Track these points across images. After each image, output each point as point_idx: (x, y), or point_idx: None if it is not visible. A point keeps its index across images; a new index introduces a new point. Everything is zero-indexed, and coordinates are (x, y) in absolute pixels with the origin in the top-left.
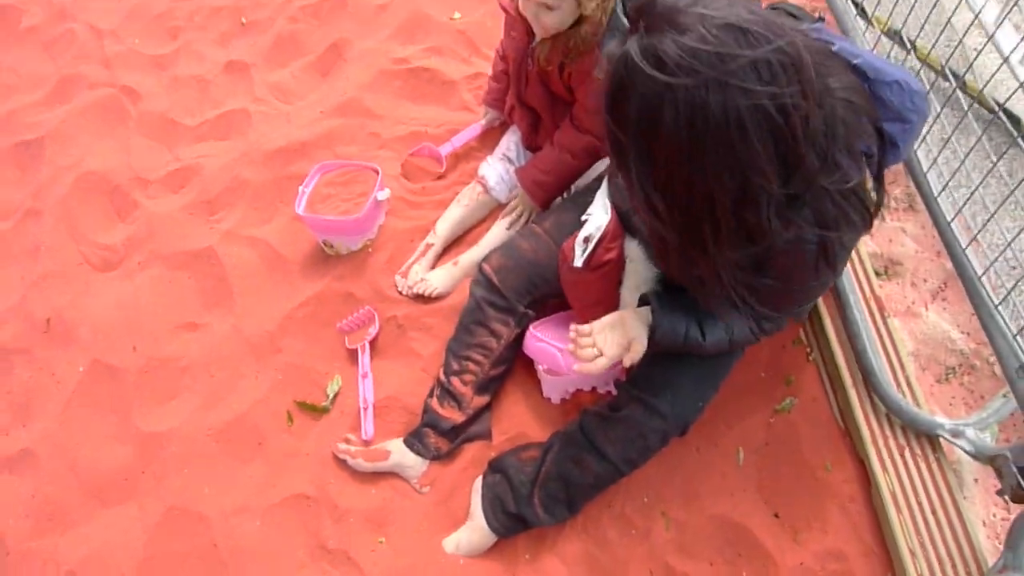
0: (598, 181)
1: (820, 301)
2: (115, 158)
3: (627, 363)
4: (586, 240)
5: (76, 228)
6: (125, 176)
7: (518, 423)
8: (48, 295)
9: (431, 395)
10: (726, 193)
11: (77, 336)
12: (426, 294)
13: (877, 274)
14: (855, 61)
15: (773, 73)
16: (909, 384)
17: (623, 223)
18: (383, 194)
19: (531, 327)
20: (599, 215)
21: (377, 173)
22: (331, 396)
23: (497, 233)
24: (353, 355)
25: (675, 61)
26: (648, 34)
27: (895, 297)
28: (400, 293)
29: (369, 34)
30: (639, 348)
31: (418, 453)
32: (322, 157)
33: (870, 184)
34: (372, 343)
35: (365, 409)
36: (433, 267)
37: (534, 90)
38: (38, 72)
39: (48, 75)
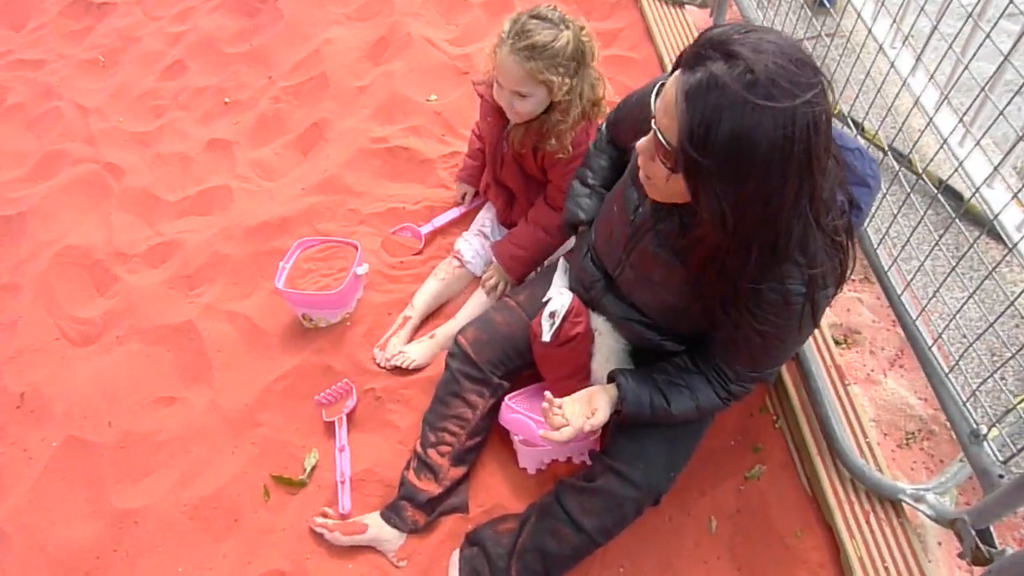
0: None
1: (784, 370)
2: (96, 233)
3: (587, 428)
4: (552, 316)
5: (54, 302)
6: (105, 251)
7: (495, 495)
8: (23, 370)
9: (408, 467)
10: (795, 201)
11: (51, 411)
12: (404, 366)
13: (837, 343)
14: None
15: (824, 96)
16: (871, 450)
17: (586, 299)
18: (362, 269)
19: (506, 398)
20: (562, 292)
21: (356, 249)
22: (308, 470)
23: (473, 306)
24: (331, 428)
25: (764, 85)
26: (730, 63)
27: (855, 365)
28: (378, 365)
29: (349, 114)
30: (601, 416)
31: (395, 527)
32: (302, 233)
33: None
34: (349, 416)
35: (342, 483)
36: (411, 340)
37: (509, 170)
38: (21, 149)
39: (31, 152)
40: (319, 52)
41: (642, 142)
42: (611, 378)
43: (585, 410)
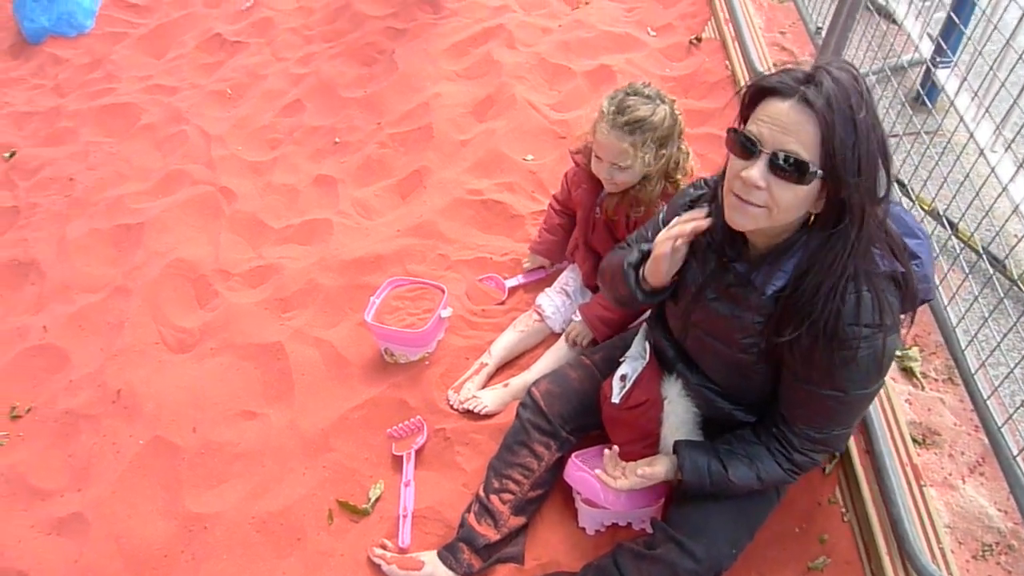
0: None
1: (857, 462)
2: (204, 250)
3: (639, 472)
4: (623, 379)
5: (159, 309)
6: (211, 267)
7: (552, 550)
8: (123, 368)
9: (469, 510)
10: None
11: (142, 410)
12: (476, 411)
13: (915, 442)
14: None
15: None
16: (944, 557)
17: (662, 362)
18: (446, 312)
19: (573, 455)
20: (637, 356)
21: (443, 292)
22: (372, 500)
23: (548, 360)
24: (399, 462)
25: (856, 99)
26: (825, 79)
27: (932, 467)
28: (451, 407)
29: (449, 165)
30: (658, 470)
31: (450, 567)
32: (394, 272)
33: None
34: (418, 452)
35: (404, 517)
36: (485, 386)
37: (600, 235)
38: (148, 165)
39: (156, 168)
40: (428, 105)
41: (752, 177)
42: (675, 448)
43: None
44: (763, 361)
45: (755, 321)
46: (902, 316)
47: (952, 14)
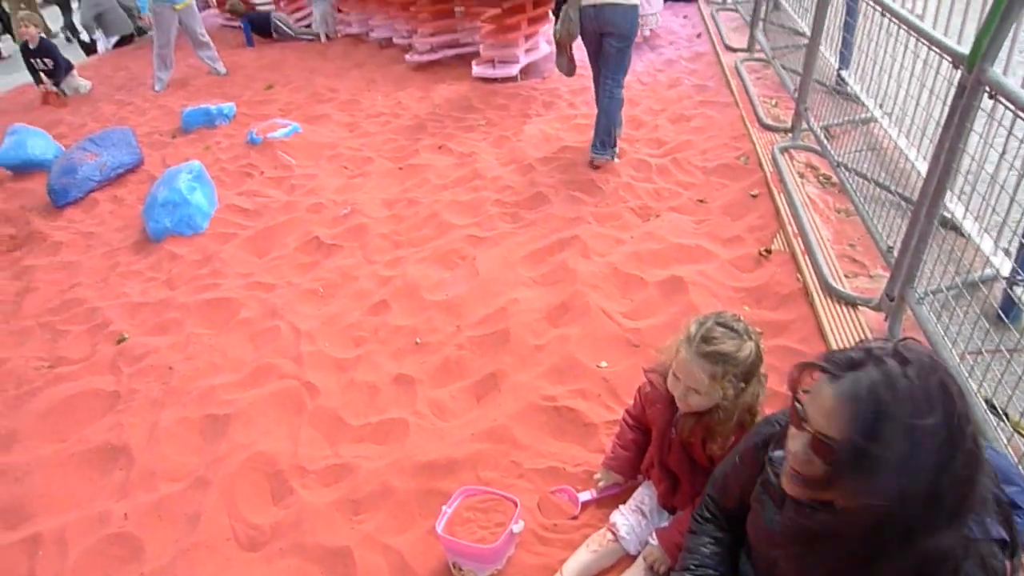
0: None
1: None
2: (284, 444)
3: None
4: None
5: (234, 504)
6: (288, 462)
7: None
8: (193, 565)
9: None
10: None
11: None
12: None
13: None
14: None
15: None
16: None
17: None
18: (518, 527)
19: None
20: None
21: (516, 506)
22: None
23: None
24: None
25: (925, 387)
26: (883, 369)
27: None
28: None
29: (524, 369)
30: None
31: None
32: (466, 477)
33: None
34: None
35: None
36: None
37: (676, 457)
38: (241, 357)
39: (248, 361)
40: (505, 310)
41: (797, 450)
42: None
43: None
44: None
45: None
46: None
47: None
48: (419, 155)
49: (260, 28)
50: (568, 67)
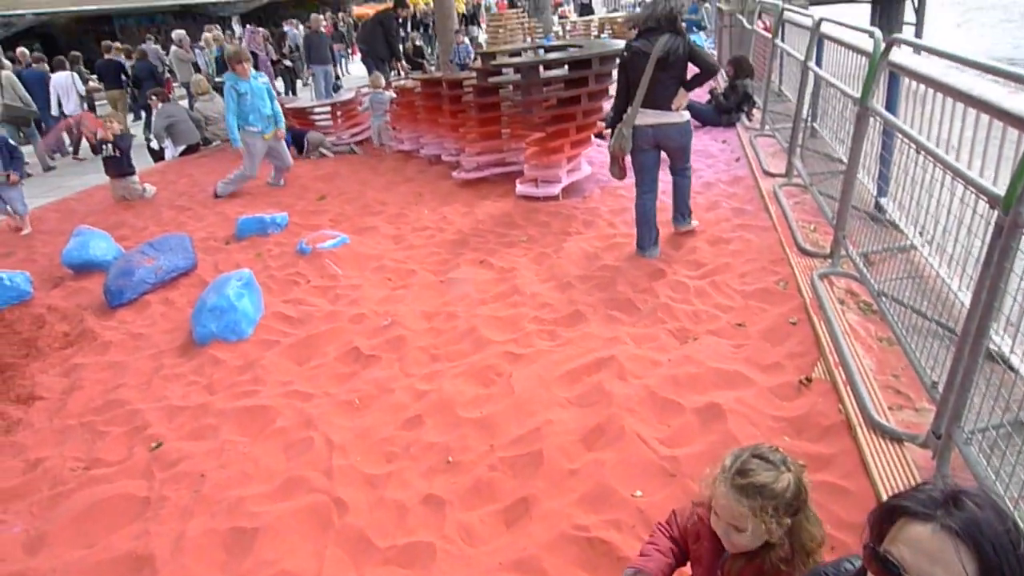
0: None
1: None
2: (309, 563)
3: None
4: None
5: None
6: None
7: None
8: None
9: None
10: None
11: None
12: None
13: None
14: None
15: None
16: None
17: None
18: None
19: None
20: None
21: None
22: None
23: None
24: None
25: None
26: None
27: None
28: None
29: (556, 496)
30: None
31: None
32: None
33: None
34: None
35: None
36: None
37: None
38: (273, 467)
39: (280, 472)
40: (539, 430)
41: None
42: None
43: None
44: None
45: None
46: None
47: None
48: (460, 269)
49: (297, 143)
50: (620, 173)
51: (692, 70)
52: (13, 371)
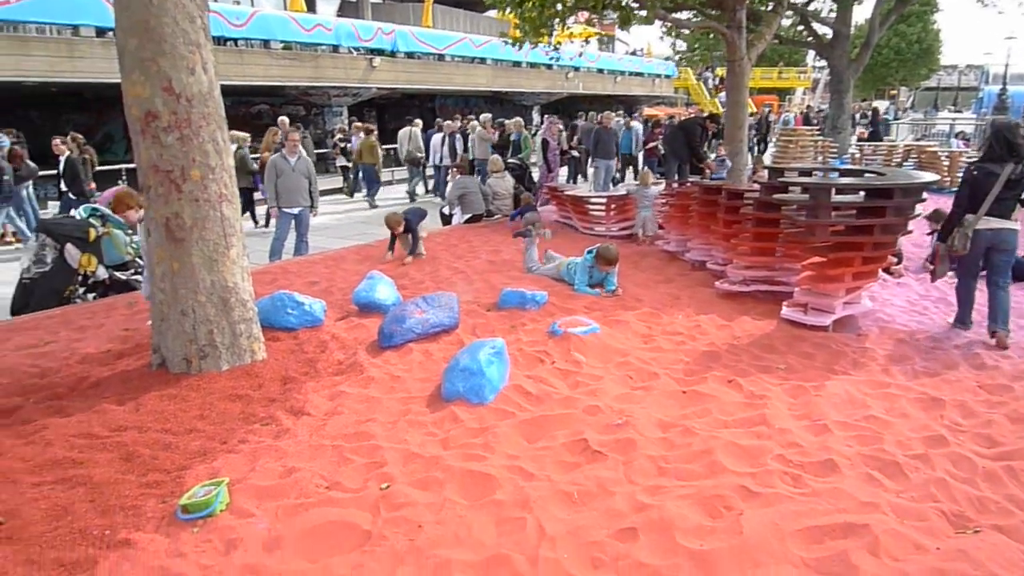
0: None
1: None
2: None
3: None
4: None
5: None
6: None
7: None
8: None
9: None
10: None
11: None
12: None
13: None
14: None
15: None
16: None
17: None
18: None
19: None
20: None
21: None
22: None
23: None
24: None
25: None
26: None
27: None
28: None
29: None
30: None
31: None
32: None
33: None
34: None
35: None
36: None
37: None
38: (484, 539)
39: (489, 545)
40: None
41: None
42: None
43: None
44: None
45: None
46: None
47: None
48: (707, 383)
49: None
50: (943, 272)
51: None
52: (294, 384)
